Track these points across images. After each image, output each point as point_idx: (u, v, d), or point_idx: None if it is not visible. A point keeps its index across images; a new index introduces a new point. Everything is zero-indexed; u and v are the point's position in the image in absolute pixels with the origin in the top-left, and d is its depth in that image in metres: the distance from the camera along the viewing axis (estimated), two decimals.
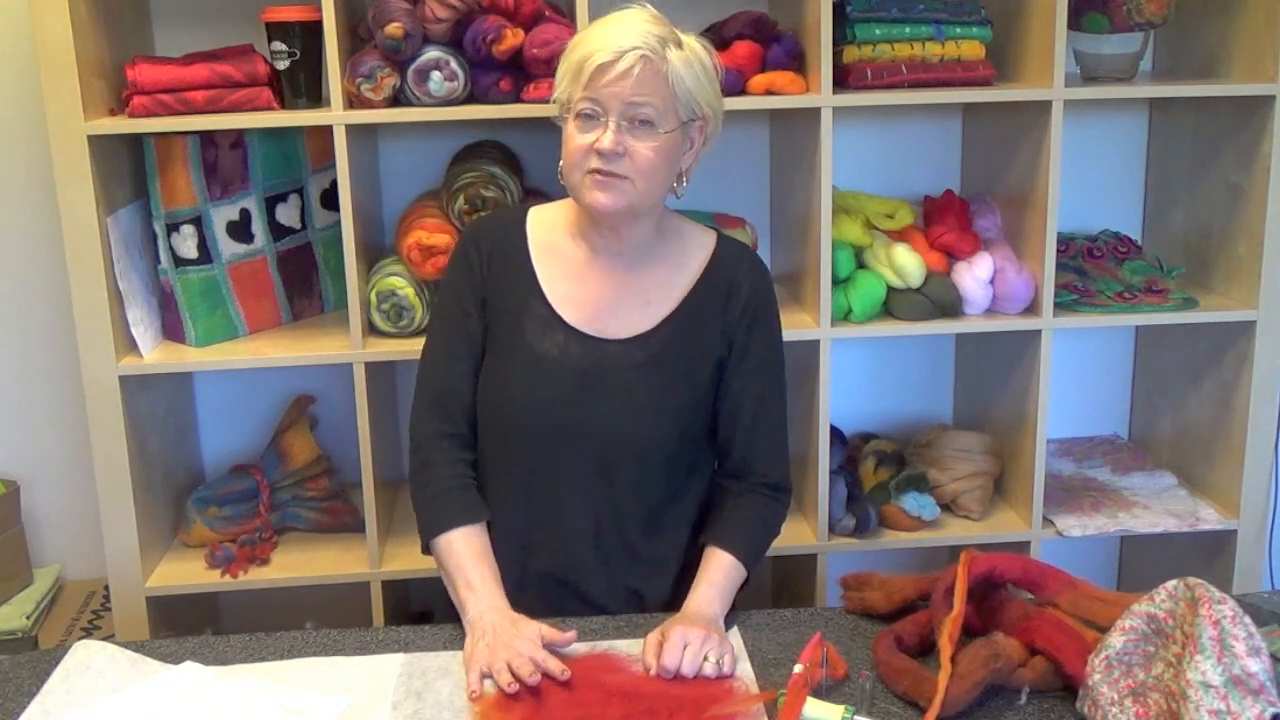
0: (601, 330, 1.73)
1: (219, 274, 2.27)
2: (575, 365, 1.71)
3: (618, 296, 1.74)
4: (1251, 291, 2.32)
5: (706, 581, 1.68)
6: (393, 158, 2.52)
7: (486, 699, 1.49)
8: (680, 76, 1.63)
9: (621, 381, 1.71)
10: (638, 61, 1.59)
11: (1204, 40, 2.43)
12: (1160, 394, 2.68)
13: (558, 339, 1.72)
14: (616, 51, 1.59)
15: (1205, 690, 1.28)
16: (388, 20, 2.06)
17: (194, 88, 2.08)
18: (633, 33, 1.61)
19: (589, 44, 1.63)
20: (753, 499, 1.78)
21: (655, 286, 1.75)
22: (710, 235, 1.81)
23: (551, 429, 1.71)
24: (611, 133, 1.61)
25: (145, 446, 2.26)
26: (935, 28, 2.24)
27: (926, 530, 2.39)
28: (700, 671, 1.51)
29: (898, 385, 2.73)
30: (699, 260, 1.77)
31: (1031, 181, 2.27)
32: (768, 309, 1.79)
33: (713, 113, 1.70)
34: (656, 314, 1.74)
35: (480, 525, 1.72)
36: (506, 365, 1.73)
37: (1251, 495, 2.40)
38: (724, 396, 1.77)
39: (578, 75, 1.62)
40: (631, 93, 1.60)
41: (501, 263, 1.76)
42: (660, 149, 1.64)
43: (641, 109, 1.61)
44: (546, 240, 1.78)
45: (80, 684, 1.52)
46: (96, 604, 2.55)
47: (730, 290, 1.76)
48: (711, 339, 1.75)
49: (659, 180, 1.67)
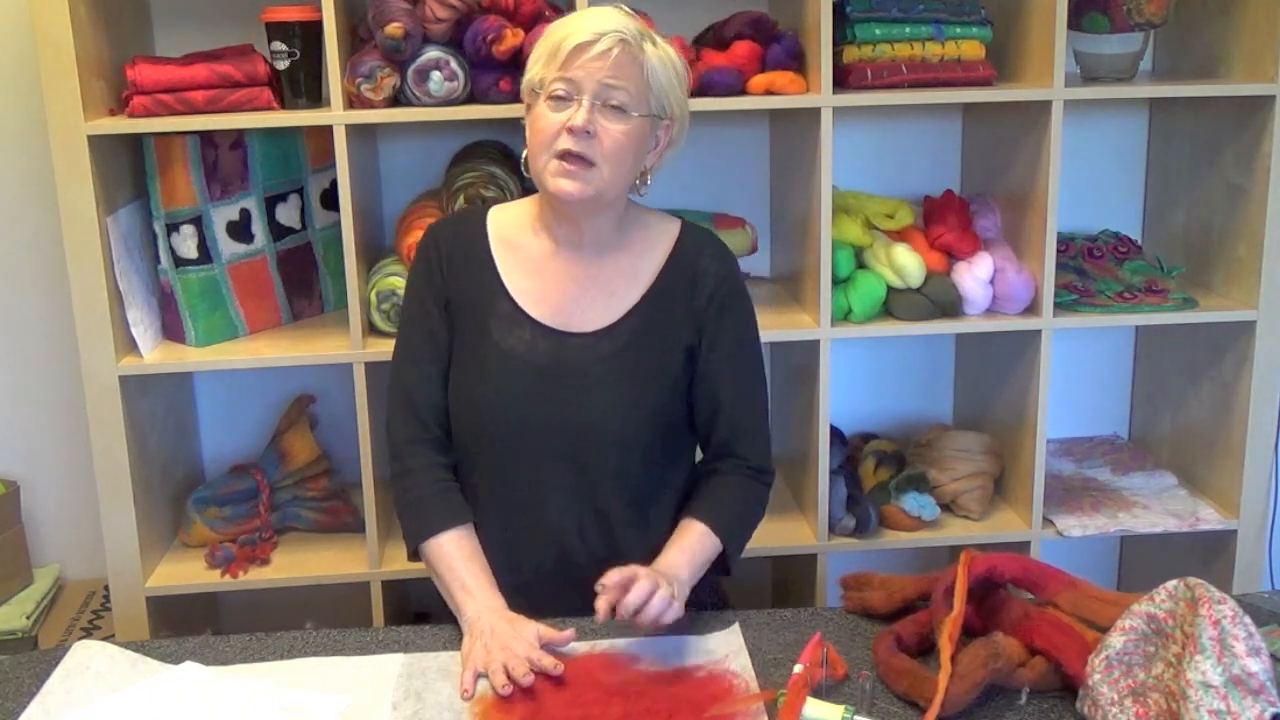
0: (567, 324, 1.73)
1: (219, 274, 2.27)
2: (543, 361, 1.71)
3: (581, 289, 1.74)
4: (1251, 291, 2.32)
5: (677, 547, 1.68)
6: (393, 158, 2.52)
7: (486, 699, 1.49)
8: (654, 69, 1.65)
9: (590, 374, 1.71)
10: (616, 44, 1.61)
11: (1204, 40, 2.43)
12: (1160, 394, 2.68)
13: (524, 335, 1.72)
14: (595, 33, 1.61)
15: (1205, 690, 1.28)
16: (388, 20, 2.06)
17: (194, 88, 2.08)
18: (611, 19, 1.64)
19: (566, 27, 1.65)
20: (733, 480, 1.78)
21: (619, 278, 1.75)
22: (674, 223, 1.80)
23: (524, 425, 1.71)
24: (585, 110, 1.61)
25: (145, 446, 2.26)
26: (935, 28, 2.24)
27: (926, 530, 2.39)
28: (647, 608, 1.51)
29: (897, 385, 2.73)
30: (663, 249, 1.77)
31: (1031, 181, 2.27)
32: (736, 293, 1.78)
33: (680, 114, 1.72)
34: (622, 305, 1.74)
35: (467, 527, 1.73)
36: (475, 364, 1.73)
37: (1251, 495, 2.40)
38: (699, 384, 1.77)
39: (553, 56, 1.63)
40: (608, 74, 1.61)
41: (463, 262, 1.76)
42: (630, 134, 1.64)
43: (615, 91, 1.62)
44: (507, 237, 1.78)
45: (80, 684, 1.52)
46: (96, 604, 2.55)
47: (696, 277, 1.75)
48: (679, 327, 1.75)
49: (625, 168, 1.67)
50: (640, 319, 1.73)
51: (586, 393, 1.71)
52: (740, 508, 1.78)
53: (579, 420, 1.71)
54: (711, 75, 2.16)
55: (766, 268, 2.60)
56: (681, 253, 1.77)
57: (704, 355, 1.76)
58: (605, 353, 1.72)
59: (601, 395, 1.71)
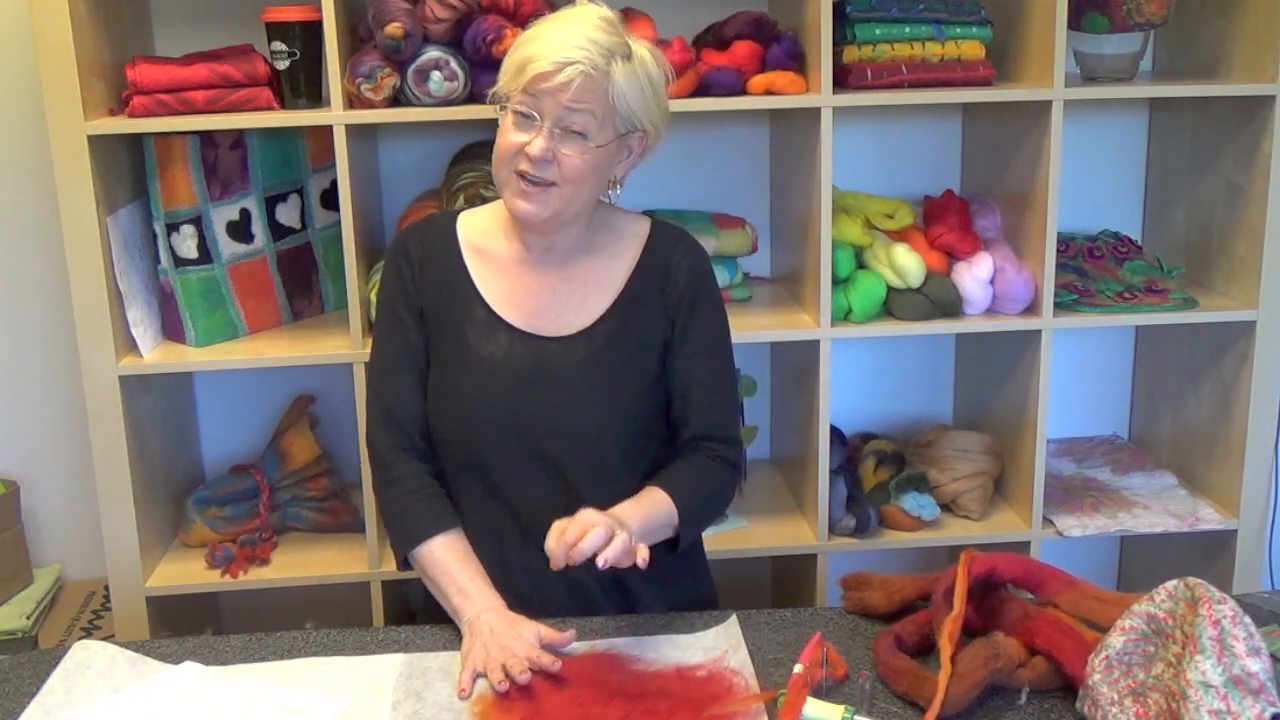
0: (544, 329, 1.72)
1: (219, 274, 2.27)
2: (521, 366, 1.71)
3: (555, 294, 1.73)
4: (1251, 291, 2.32)
5: (633, 501, 1.64)
6: (393, 158, 2.52)
7: (486, 699, 1.49)
8: (622, 93, 1.62)
9: (568, 378, 1.70)
10: (576, 75, 1.58)
11: (1204, 40, 2.43)
12: (1160, 394, 2.68)
13: (501, 341, 1.71)
14: (557, 63, 1.57)
15: (1205, 690, 1.28)
16: (388, 20, 2.06)
17: (194, 88, 2.08)
18: (576, 42, 1.59)
19: (532, 46, 1.61)
20: (703, 461, 1.76)
21: (592, 280, 1.74)
22: (644, 222, 1.80)
23: (504, 431, 1.70)
24: (542, 139, 1.60)
25: (145, 446, 2.26)
26: (935, 28, 2.24)
27: (926, 530, 2.39)
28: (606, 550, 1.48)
29: (898, 385, 2.73)
30: (634, 249, 1.76)
31: (1031, 181, 2.27)
32: (707, 288, 1.78)
33: (654, 127, 1.69)
34: (596, 308, 1.73)
35: (457, 530, 1.72)
36: (453, 372, 1.73)
37: (1251, 495, 2.40)
38: (671, 378, 1.76)
39: (519, 74, 1.61)
40: (569, 100, 1.59)
41: (435, 269, 1.75)
42: (590, 161, 1.63)
43: (575, 118, 1.60)
44: (479, 243, 1.77)
45: (80, 684, 1.52)
46: (96, 604, 2.55)
47: (668, 273, 1.75)
48: (654, 324, 1.74)
49: (586, 189, 1.66)
50: (615, 320, 1.73)
51: (565, 396, 1.70)
52: (704, 489, 1.75)
53: (559, 424, 1.70)
54: (711, 75, 2.16)
55: (766, 268, 2.60)
56: (653, 251, 1.76)
57: (675, 349, 1.75)
58: (582, 355, 1.71)
59: (581, 398, 1.70)
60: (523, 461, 1.71)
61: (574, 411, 1.70)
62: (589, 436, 1.71)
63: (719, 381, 1.79)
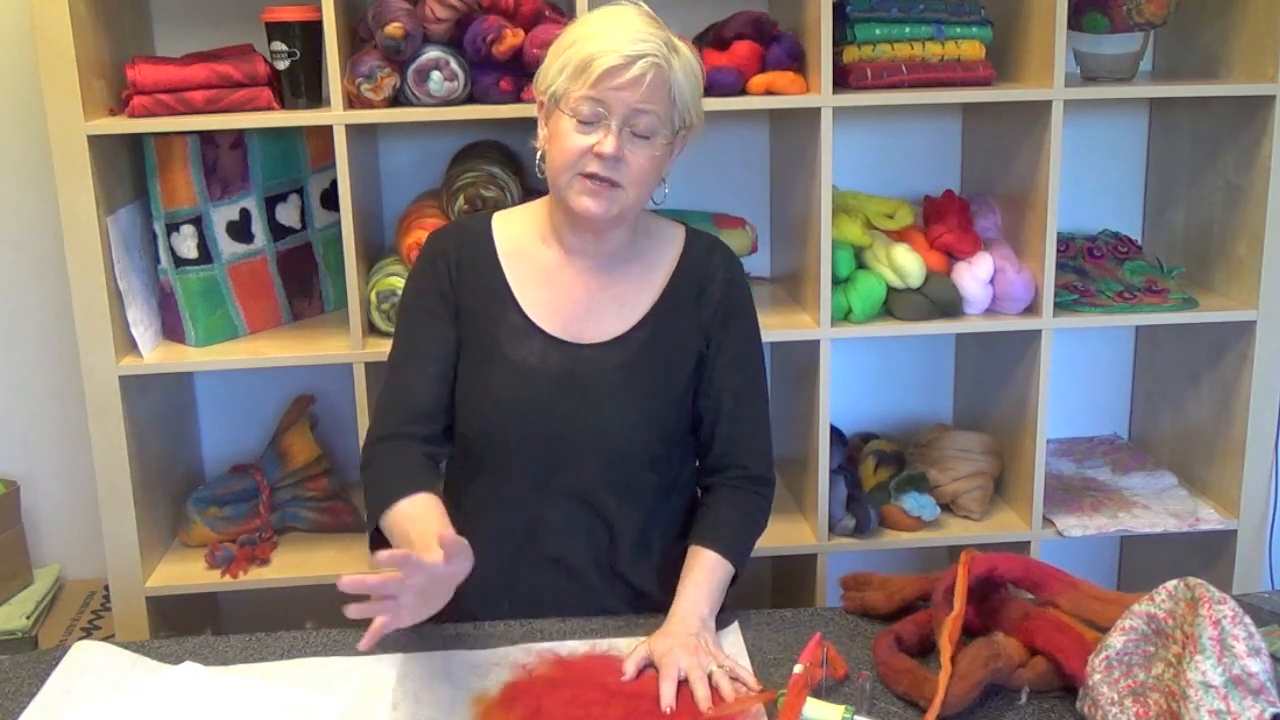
0: (578, 335, 1.71)
1: (219, 274, 2.27)
2: (554, 372, 1.70)
3: (592, 300, 1.72)
4: (1251, 291, 2.32)
5: (692, 583, 1.65)
6: (393, 158, 2.52)
7: (487, 699, 1.49)
8: (681, 88, 1.62)
9: (602, 386, 1.70)
10: (650, 69, 1.56)
11: (1204, 40, 2.43)
12: (1160, 394, 2.68)
13: (535, 347, 1.70)
14: (628, 56, 1.56)
15: (1205, 690, 1.28)
16: (388, 20, 2.06)
17: (194, 88, 2.08)
18: (640, 36, 1.58)
19: (595, 42, 1.58)
20: (736, 494, 1.76)
21: (629, 287, 1.74)
22: (679, 230, 1.79)
23: (534, 437, 1.69)
24: (614, 138, 1.58)
25: (145, 446, 2.26)
26: (935, 28, 2.24)
27: (926, 530, 2.39)
28: (715, 685, 1.49)
29: (898, 385, 2.73)
30: (670, 257, 1.76)
31: (1031, 181, 2.27)
32: (743, 300, 1.78)
33: (698, 121, 1.70)
34: (632, 315, 1.73)
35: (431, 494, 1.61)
36: (485, 375, 1.71)
37: (1251, 495, 2.40)
38: (704, 392, 1.75)
39: (580, 73, 1.58)
40: (639, 100, 1.58)
41: (471, 271, 1.73)
42: (655, 159, 1.63)
43: (645, 117, 1.59)
44: (515, 247, 1.75)
45: (80, 684, 1.52)
46: (96, 604, 2.55)
47: (704, 284, 1.75)
48: (689, 335, 1.74)
49: (649, 188, 1.67)
50: (651, 329, 1.72)
51: (598, 404, 1.69)
52: (746, 526, 1.76)
53: (590, 431, 1.69)
54: (712, 75, 2.16)
55: (766, 268, 2.59)
56: (689, 260, 1.76)
57: (709, 362, 1.75)
58: (617, 363, 1.70)
59: (613, 406, 1.69)
60: (550, 468, 1.70)
61: (606, 418, 1.69)
62: (620, 443, 1.70)
63: (750, 395, 1.77)
